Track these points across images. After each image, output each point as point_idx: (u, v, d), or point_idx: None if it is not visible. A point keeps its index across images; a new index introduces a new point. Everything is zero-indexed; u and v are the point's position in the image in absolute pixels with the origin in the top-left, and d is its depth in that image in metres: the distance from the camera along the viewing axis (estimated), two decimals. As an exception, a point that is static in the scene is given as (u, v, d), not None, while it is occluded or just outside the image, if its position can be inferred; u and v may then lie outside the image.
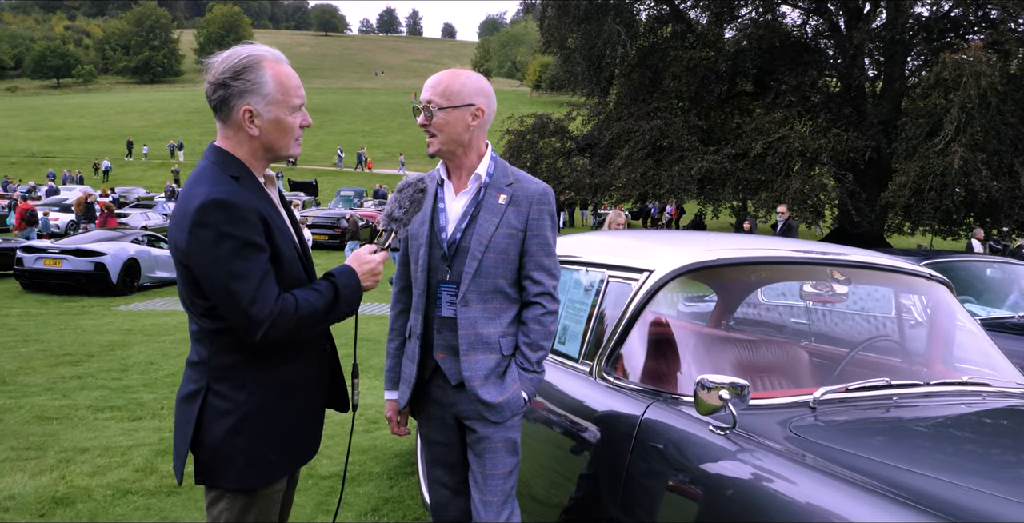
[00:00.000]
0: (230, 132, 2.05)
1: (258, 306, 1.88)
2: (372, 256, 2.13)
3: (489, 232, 2.35)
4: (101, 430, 5.70)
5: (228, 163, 2.02)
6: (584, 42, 26.60)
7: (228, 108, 2.01)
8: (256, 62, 2.02)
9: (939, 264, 5.72)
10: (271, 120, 2.02)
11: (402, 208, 2.20)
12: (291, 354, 2.07)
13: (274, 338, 1.92)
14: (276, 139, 2.06)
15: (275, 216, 2.03)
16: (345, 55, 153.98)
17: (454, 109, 2.34)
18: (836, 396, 2.33)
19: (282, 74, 2.04)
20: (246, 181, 2.01)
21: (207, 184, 1.95)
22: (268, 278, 1.92)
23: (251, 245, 1.90)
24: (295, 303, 1.94)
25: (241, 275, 1.88)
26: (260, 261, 1.91)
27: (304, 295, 1.98)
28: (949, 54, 20.02)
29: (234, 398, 1.99)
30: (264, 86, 2.00)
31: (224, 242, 1.88)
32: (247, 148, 2.05)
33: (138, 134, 62.11)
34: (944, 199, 19.85)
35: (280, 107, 2.03)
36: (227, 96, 2.00)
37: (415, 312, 2.46)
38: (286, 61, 2.10)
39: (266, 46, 2.10)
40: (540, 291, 2.40)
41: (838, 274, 2.84)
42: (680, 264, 2.63)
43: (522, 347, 2.40)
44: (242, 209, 1.91)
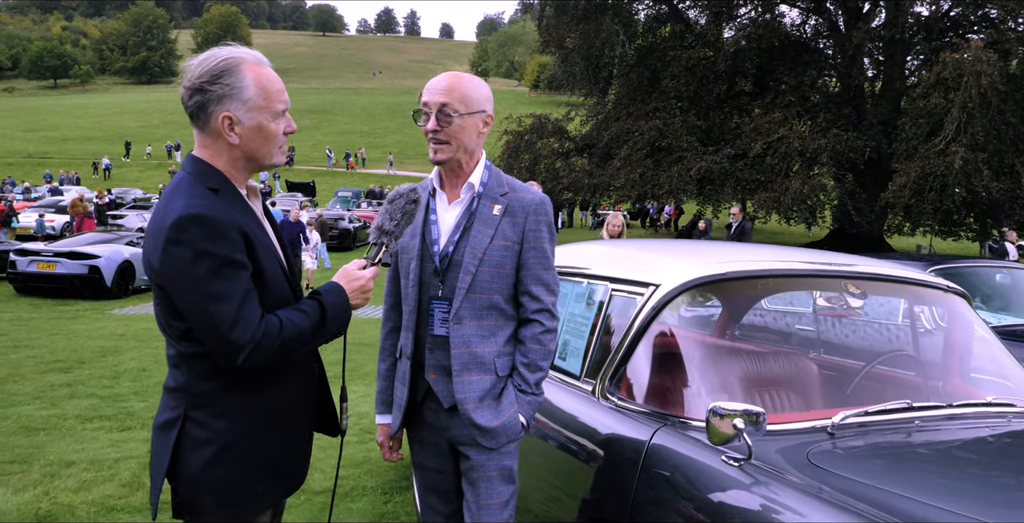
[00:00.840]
0: (208, 141, 1.91)
1: (239, 329, 1.74)
2: (361, 272, 1.98)
3: (483, 245, 2.21)
4: (89, 441, 5.55)
5: (206, 174, 1.88)
6: (582, 42, 26.47)
7: (206, 115, 1.87)
8: (235, 65, 1.87)
9: (947, 270, 5.59)
10: (252, 127, 1.88)
11: (393, 220, 2.06)
12: (276, 378, 1.93)
13: (256, 363, 1.78)
14: (258, 148, 1.91)
15: (258, 231, 1.89)
16: (343, 55, 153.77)
17: (469, 116, 2.22)
18: (855, 420, 2.18)
19: (263, 78, 1.90)
20: (226, 193, 1.87)
21: (183, 197, 1.81)
22: (250, 298, 1.78)
23: (231, 263, 1.77)
24: (279, 325, 1.81)
25: (220, 296, 1.74)
26: (241, 280, 1.78)
27: (289, 316, 1.84)
28: (949, 54, 19.89)
29: (214, 426, 1.85)
30: (244, 91, 1.86)
31: (201, 261, 1.74)
32: (227, 157, 1.91)
33: (135, 135, 61.92)
34: (944, 199, 19.73)
35: (262, 113, 1.89)
36: (204, 102, 1.86)
37: (406, 330, 2.32)
38: (268, 64, 1.96)
39: (247, 48, 1.96)
40: (538, 308, 2.26)
41: (853, 287, 2.71)
42: (688, 278, 2.48)
43: (519, 367, 2.25)
44: (221, 224, 1.77)
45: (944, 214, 20.78)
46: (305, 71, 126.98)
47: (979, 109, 19.02)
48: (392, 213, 2.07)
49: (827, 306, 2.86)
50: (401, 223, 2.06)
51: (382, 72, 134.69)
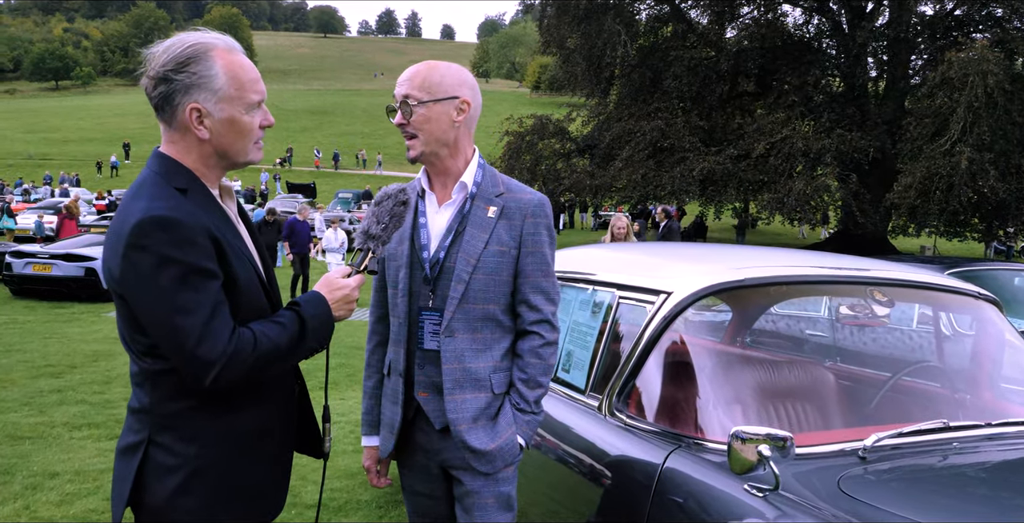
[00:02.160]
0: (176, 135, 1.72)
1: (207, 344, 1.56)
2: (345, 280, 1.79)
3: (477, 250, 2.01)
4: (76, 451, 5.36)
5: (173, 173, 1.70)
6: (584, 42, 26.30)
7: (171, 107, 1.68)
8: (204, 51, 1.68)
9: (965, 273, 5.39)
10: (223, 120, 1.70)
11: (380, 224, 1.88)
12: (251, 397, 1.74)
13: (228, 382, 1.60)
14: (231, 143, 1.73)
15: (230, 235, 1.71)
16: (344, 57, 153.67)
17: (436, 103, 2.01)
18: (889, 442, 1.99)
19: (235, 65, 1.71)
20: (195, 194, 1.69)
21: (146, 199, 1.63)
22: (220, 310, 1.60)
23: (199, 271, 1.58)
24: (253, 339, 1.62)
25: (187, 308, 1.56)
26: (210, 290, 1.60)
27: (264, 329, 1.66)
28: (955, 53, 19.67)
29: (182, 452, 1.67)
30: (214, 79, 1.67)
31: (166, 268, 1.56)
32: (196, 154, 1.72)
33: (136, 136, 61.70)
34: (951, 200, 19.48)
35: (234, 104, 1.70)
36: (169, 93, 1.67)
37: (395, 345, 2.12)
38: (241, 50, 1.76)
39: (218, 33, 1.77)
40: (538, 318, 2.06)
41: (879, 294, 2.51)
42: (702, 285, 2.29)
43: (517, 384, 2.06)
44: (188, 228, 1.59)
45: (950, 215, 20.54)
46: (306, 72, 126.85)
47: (985, 109, 18.81)
48: (379, 216, 1.89)
49: (850, 315, 2.66)
50: (389, 227, 1.89)
51: (383, 73, 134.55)
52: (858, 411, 2.46)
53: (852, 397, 2.50)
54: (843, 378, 2.58)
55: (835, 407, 2.40)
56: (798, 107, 24.07)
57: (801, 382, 2.40)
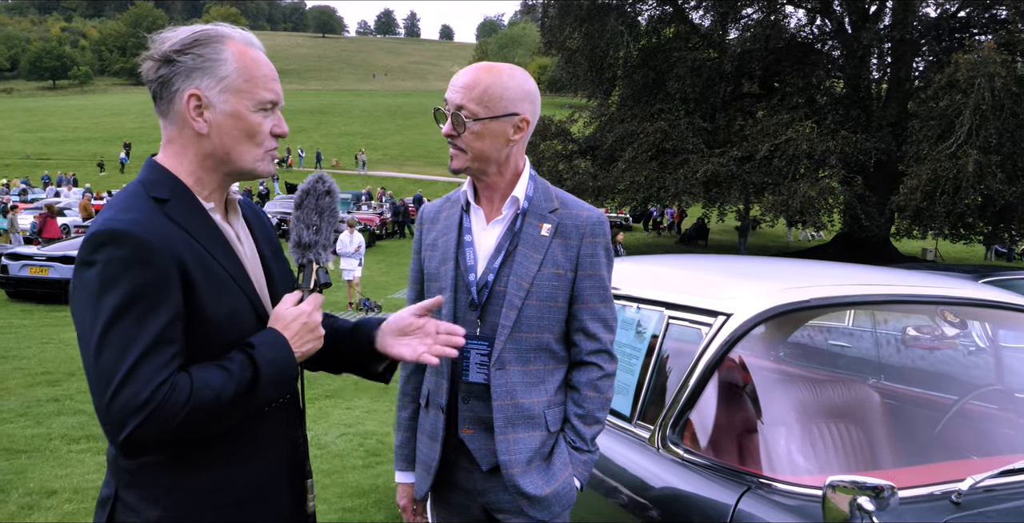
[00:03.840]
0: (173, 131, 1.48)
1: (127, 391, 1.26)
2: (299, 308, 1.47)
3: (531, 272, 1.81)
4: (74, 465, 5.15)
5: (156, 182, 1.44)
6: (586, 43, 26.17)
7: (169, 94, 1.44)
8: (215, 36, 1.46)
9: (998, 282, 5.20)
10: (226, 113, 1.44)
11: (311, 227, 1.56)
12: (242, 449, 1.46)
13: (146, 441, 1.29)
14: (233, 142, 1.46)
15: (221, 257, 1.44)
16: (343, 57, 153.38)
17: (492, 120, 1.79)
18: (985, 483, 1.79)
19: (248, 57, 1.47)
20: (177, 205, 1.42)
21: (114, 209, 1.39)
22: (158, 351, 1.30)
23: (145, 299, 1.31)
24: (189, 389, 1.31)
25: (114, 343, 1.28)
26: (153, 324, 1.30)
27: (204, 377, 1.34)
28: (962, 55, 19.51)
29: (145, 514, 1.39)
30: (220, 65, 1.44)
31: (107, 291, 1.30)
32: (193, 154, 1.47)
33: (134, 136, 61.42)
34: (957, 203, 19.32)
35: (241, 97, 1.45)
36: (169, 76, 1.43)
37: (434, 374, 1.92)
38: (261, 47, 1.53)
39: (240, 29, 1.54)
40: (596, 348, 1.86)
41: (951, 315, 2.32)
42: (766, 306, 2.09)
43: (573, 420, 1.86)
44: (146, 245, 1.32)
45: (956, 218, 20.38)
46: (304, 72, 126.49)
47: (992, 111, 18.65)
48: (305, 220, 1.57)
49: (917, 336, 2.47)
50: (323, 227, 1.57)
51: (387, 74, 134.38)
52: (943, 445, 2.26)
53: (937, 428, 2.31)
54: (923, 406, 2.38)
55: (917, 441, 2.21)
56: (802, 109, 23.90)
57: (876, 411, 2.21)
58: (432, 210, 2.01)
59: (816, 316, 2.38)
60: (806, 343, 2.73)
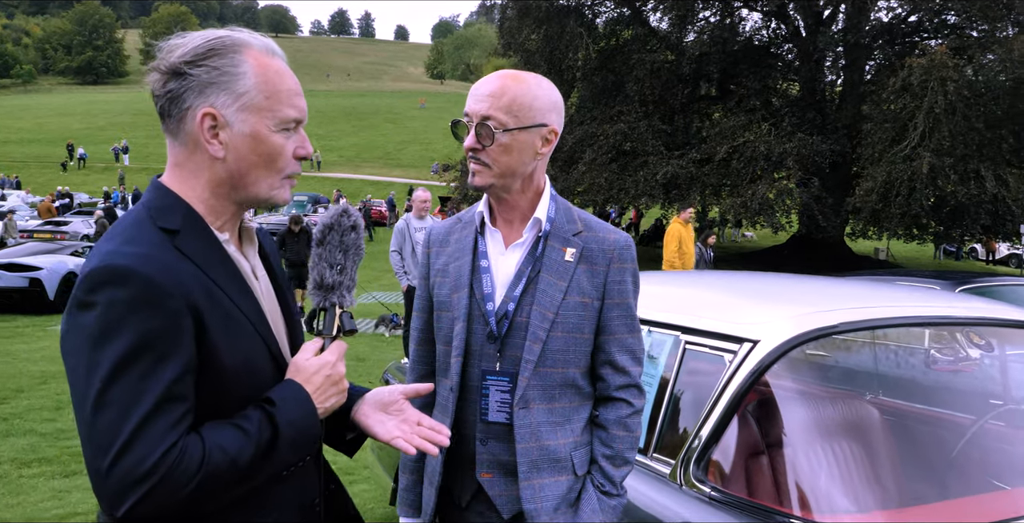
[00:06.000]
0: (182, 154, 1.29)
1: (130, 457, 1.09)
2: (322, 358, 1.32)
3: (556, 302, 1.65)
4: (26, 492, 4.84)
5: (166, 209, 1.26)
6: (545, 44, 26.17)
7: (180, 112, 1.25)
8: (232, 45, 1.27)
9: (977, 289, 5.19)
10: (245, 135, 1.26)
11: (335, 267, 1.39)
12: (255, 514, 1.27)
13: (149, 515, 1.12)
14: (251, 168, 1.28)
15: (236, 296, 1.27)
16: (296, 57, 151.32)
17: (522, 131, 1.63)
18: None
19: (270, 69, 1.29)
20: (188, 237, 1.25)
21: (115, 241, 1.21)
22: (167, 409, 1.13)
23: (153, 349, 1.13)
24: (201, 455, 1.14)
25: (116, 401, 1.11)
26: (160, 378, 1.13)
27: (218, 439, 1.17)
28: (915, 59, 19.90)
29: None
30: (239, 79, 1.25)
31: (110, 339, 1.12)
32: (206, 180, 1.29)
33: (80, 137, 59.80)
34: (912, 204, 19.69)
35: (262, 116, 1.27)
36: (180, 92, 1.24)
37: (440, 413, 1.75)
38: (283, 57, 1.34)
39: (260, 34, 1.34)
40: (625, 383, 1.71)
41: (977, 338, 2.22)
42: (795, 332, 1.96)
43: (601, 462, 1.70)
44: (155, 285, 1.14)
45: (911, 219, 20.77)
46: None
47: (944, 115, 19.02)
48: (329, 258, 1.40)
49: (941, 358, 2.37)
50: (348, 267, 1.41)
51: (349, 75, 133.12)
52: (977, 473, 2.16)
53: (975, 456, 2.20)
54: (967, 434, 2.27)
55: (966, 471, 2.10)
56: (759, 111, 24.16)
57: (919, 442, 2.09)
58: (441, 232, 1.83)
59: (845, 341, 2.26)
60: (835, 368, 2.62)
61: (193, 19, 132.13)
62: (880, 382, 2.64)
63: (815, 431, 2.07)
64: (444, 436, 1.40)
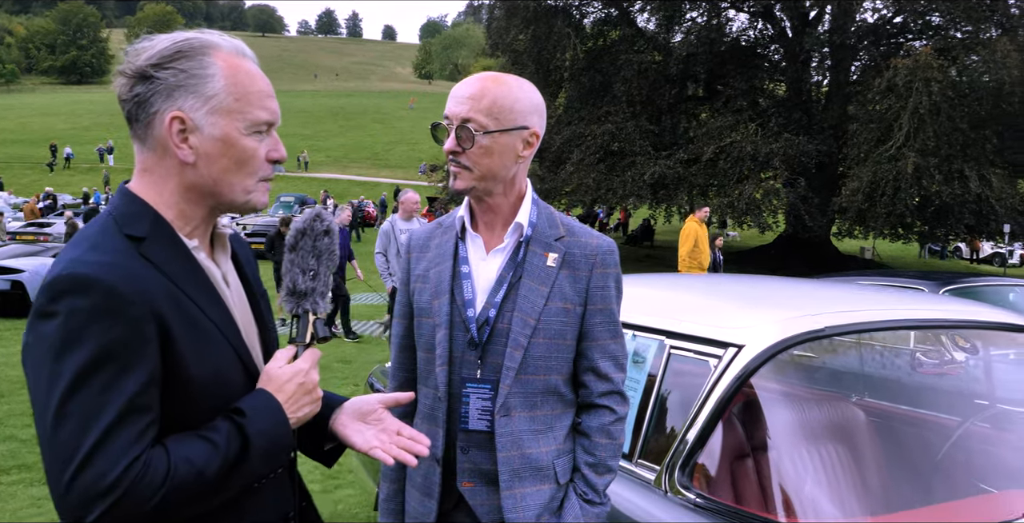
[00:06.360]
0: (150, 159, 1.25)
1: (89, 473, 1.06)
2: (295, 366, 1.28)
3: (537, 308, 1.63)
4: (5, 500, 4.77)
5: (132, 216, 1.23)
6: (533, 45, 26.19)
7: (147, 116, 1.22)
8: (200, 47, 1.24)
9: (961, 289, 5.20)
10: (215, 139, 1.23)
11: (308, 273, 1.36)
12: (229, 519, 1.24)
13: None
14: (223, 173, 1.24)
15: (196, 307, 1.22)
16: (283, 57, 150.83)
17: (503, 134, 1.61)
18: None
19: (240, 71, 1.26)
20: (154, 245, 1.21)
21: (80, 248, 1.17)
22: (130, 422, 1.10)
23: (115, 360, 1.10)
24: (165, 467, 1.11)
25: (75, 414, 1.07)
26: (122, 391, 1.10)
27: (184, 451, 1.14)
28: (900, 60, 20.02)
29: None
30: (207, 81, 1.22)
31: (71, 349, 1.08)
32: (175, 185, 1.25)
33: (64, 137, 59.35)
34: (897, 204, 19.82)
35: (232, 119, 1.24)
36: (148, 96, 1.21)
37: (427, 422, 1.72)
38: (254, 58, 1.31)
39: (230, 36, 1.31)
40: (608, 389, 1.69)
41: (962, 341, 2.21)
42: (780, 337, 1.94)
43: (584, 469, 1.68)
44: (117, 294, 1.11)
45: (896, 218, 20.90)
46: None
47: (929, 115, 19.14)
48: (301, 264, 1.37)
49: (927, 362, 2.36)
50: (321, 273, 1.38)
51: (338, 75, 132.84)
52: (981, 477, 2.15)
53: (968, 460, 2.19)
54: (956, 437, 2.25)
55: (953, 475, 2.09)
56: (745, 112, 24.25)
57: (907, 446, 2.08)
58: (421, 236, 1.81)
59: (832, 345, 2.24)
60: (822, 370, 2.60)
61: (179, 19, 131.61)
62: (867, 384, 2.63)
63: (801, 436, 2.06)
64: (423, 446, 1.38)
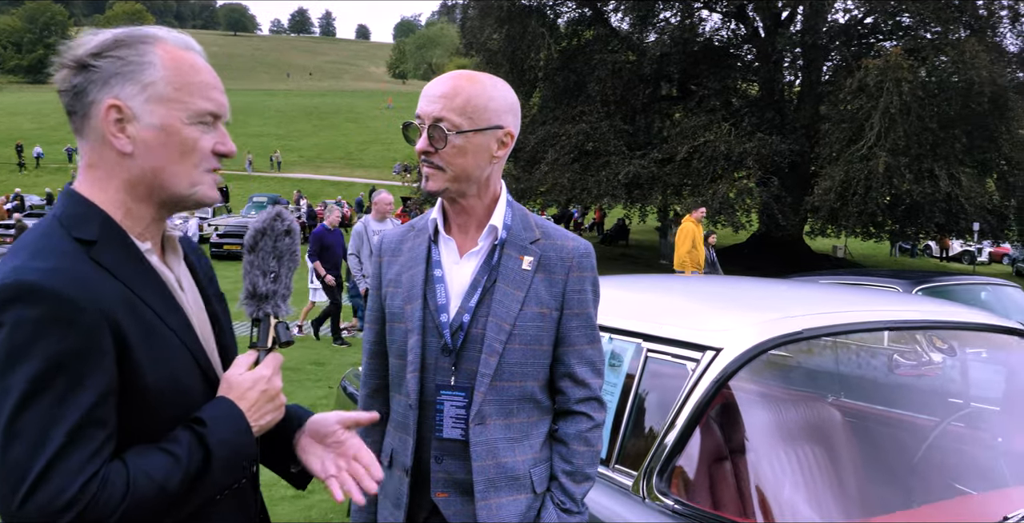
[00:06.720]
0: (93, 154, 1.20)
1: (44, 493, 1.00)
2: (254, 373, 1.23)
3: (512, 312, 1.59)
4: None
5: (80, 218, 1.17)
6: (507, 44, 26.15)
7: (85, 106, 1.17)
8: (140, 36, 1.19)
9: (934, 288, 5.24)
10: (154, 127, 1.17)
11: (268, 275, 1.31)
12: None
13: None
14: (164, 163, 1.19)
15: (152, 312, 1.16)
16: (255, 56, 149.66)
17: (477, 133, 1.57)
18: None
19: (182, 61, 1.21)
20: (106, 248, 1.15)
21: (24, 254, 1.11)
22: (85, 437, 1.04)
23: (67, 371, 1.04)
24: (125, 483, 1.06)
25: (26, 431, 1.01)
26: (76, 404, 1.04)
27: (143, 465, 1.09)
28: (871, 60, 20.24)
29: None
30: (146, 69, 1.17)
31: (19, 362, 1.03)
32: (119, 181, 1.19)
33: (31, 137, 58.32)
34: (869, 203, 20.03)
35: (171, 108, 1.18)
36: (84, 86, 1.16)
37: (399, 430, 1.68)
38: (201, 52, 1.26)
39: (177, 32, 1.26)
40: (585, 395, 1.65)
41: (939, 342, 2.20)
42: (758, 339, 1.92)
43: (561, 478, 1.64)
44: (67, 302, 1.05)
45: (868, 217, 21.12)
46: (217, 71, 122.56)
47: (900, 115, 19.36)
48: (261, 265, 1.31)
49: (905, 363, 2.35)
50: (283, 275, 1.32)
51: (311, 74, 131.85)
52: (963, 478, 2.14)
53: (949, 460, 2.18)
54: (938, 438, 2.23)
55: (934, 477, 2.07)
56: (719, 111, 24.36)
57: (887, 448, 2.07)
58: (393, 240, 1.76)
59: (810, 347, 2.23)
60: (800, 371, 2.59)
61: (149, 17, 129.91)
62: (845, 385, 2.62)
63: (780, 441, 2.04)
64: (371, 482, 1.31)
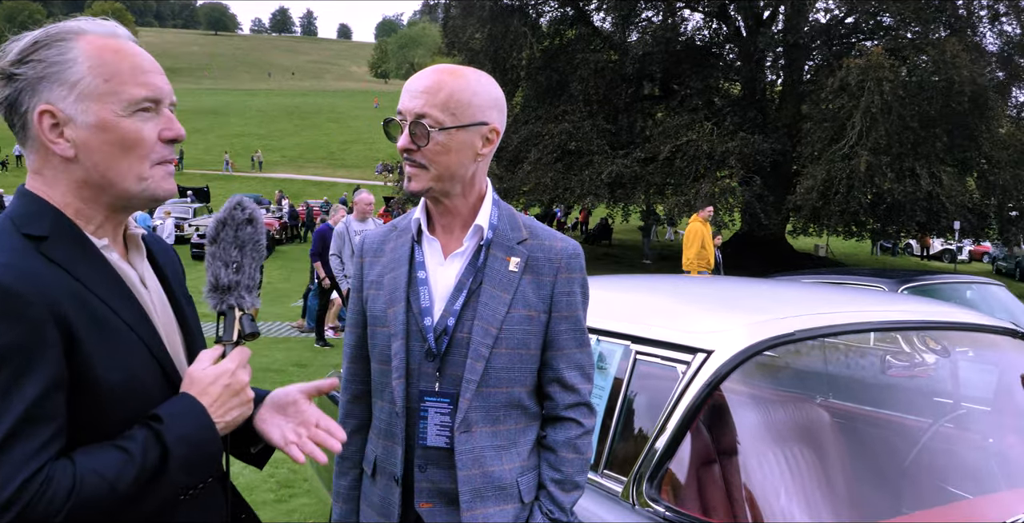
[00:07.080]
0: (38, 162, 1.17)
1: None
2: (218, 367, 1.19)
3: (499, 316, 1.53)
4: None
5: (31, 215, 1.14)
6: (489, 44, 26.12)
7: (20, 117, 1.13)
8: (58, 34, 1.14)
9: (919, 287, 5.24)
10: (91, 126, 1.13)
11: (231, 265, 1.27)
12: None
13: None
14: (109, 162, 1.15)
15: (106, 307, 1.12)
16: (237, 55, 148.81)
17: (460, 130, 1.51)
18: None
19: (107, 49, 1.15)
20: (57, 243, 1.12)
21: None
22: (27, 435, 1.00)
23: (9, 365, 1.01)
24: (71, 481, 1.01)
25: None
26: (19, 398, 1.00)
27: (92, 463, 1.05)
28: (853, 60, 20.35)
29: None
30: (69, 67, 1.12)
31: None
32: (65, 185, 1.16)
33: (7, 137, 57.62)
34: (850, 202, 20.14)
35: (104, 102, 1.13)
36: (15, 96, 1.12)
37: (383, 438, 1.62)
38: (129, 37, 1.20)
39: (104, 19, 1.22)
40: (574, 401, 1.60)
41: (933, 342, 2.17)
42: (749, 341, 1.88)
43: (550, 487, 1.59)
44: (11, 294, 1.02)
45: (850, 216, 21.25)
46: (196, 71, 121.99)
47: (881, 114, 19.47)
48: (223, 256, 1.28)
49: (897, 364, 2.32)
50: (245, 265, 1.29)
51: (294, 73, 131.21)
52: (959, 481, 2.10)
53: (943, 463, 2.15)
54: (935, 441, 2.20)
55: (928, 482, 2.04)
56: (701, 111, 24.43)
57: (883, 452, 2.03)
58: (374, 240, 1.70)
59: (802, 349, 2.19)
60: (791, 373, 2.54)
61: (129, 16, 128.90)
62: (837, 387, 2.59)
63: (773, 446, 1.99)
64: (336, 440, 1.28)
